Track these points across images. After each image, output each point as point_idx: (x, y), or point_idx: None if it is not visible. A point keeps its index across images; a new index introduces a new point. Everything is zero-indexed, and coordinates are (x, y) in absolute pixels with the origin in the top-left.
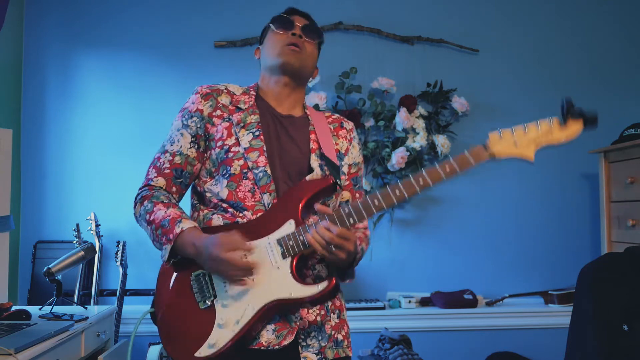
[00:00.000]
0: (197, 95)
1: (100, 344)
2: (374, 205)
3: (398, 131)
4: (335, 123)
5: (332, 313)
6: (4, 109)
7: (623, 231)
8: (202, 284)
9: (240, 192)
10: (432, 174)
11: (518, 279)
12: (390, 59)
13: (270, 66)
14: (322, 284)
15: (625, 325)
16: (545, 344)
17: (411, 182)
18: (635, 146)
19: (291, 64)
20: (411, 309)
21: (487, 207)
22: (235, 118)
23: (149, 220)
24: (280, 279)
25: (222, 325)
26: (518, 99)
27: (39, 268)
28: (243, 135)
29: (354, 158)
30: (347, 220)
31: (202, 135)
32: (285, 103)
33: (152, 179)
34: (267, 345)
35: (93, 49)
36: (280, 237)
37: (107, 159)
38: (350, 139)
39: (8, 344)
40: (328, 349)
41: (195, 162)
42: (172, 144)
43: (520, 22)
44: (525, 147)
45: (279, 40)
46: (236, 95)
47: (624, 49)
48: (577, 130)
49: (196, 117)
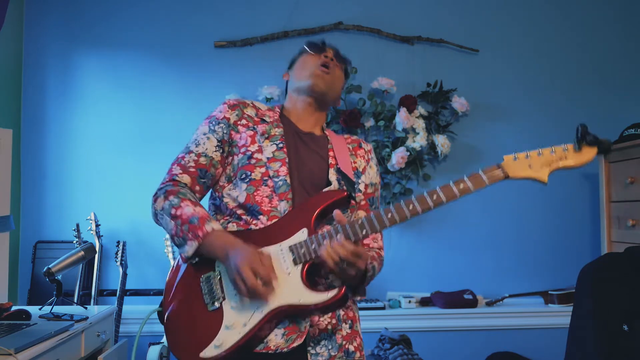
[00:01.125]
0: (225, 105)
1: (100, 344)
2: (387, 218)
3: (398, 131)
4: (354, 144)
5: (344, 323)
6: (4, 109)
7: (623, 231)
8: (212, 285)
9: (257, 196)
10: (446, 192)
11: (518, 279)
12: (390, 59)
13: (298, 87)
14: (332, 292)
15: (625, 325)
16: (545, 344)
17: (425, 198)
18: (635, 146)
19: (319, 87)
20: (411, 309)
21: (487, 207)
22: (260, 129)
23: (174, 214)
24: (291, 285)
25: (229, 327)
26: (518, 99)
27: (39, 268)
28: (267, 145)
29: (371, 178)
30: (360, 232)
31: (227, 141)
32: (308, 122)
33: (177, 174)
34: (275, 349)
35: (93, 49)
36: (293, 244)
37: (107, 159)
38: (368, 160)
39: (8, 344)
40: (338, 358)
41: (218, 166)
42: (198, 146)
43: (520, 22)
44: (538, 169)
45: (310, 62)
46: (262, 110)
47: (624, 49)
48: (591, 156)
49: (223, 124)
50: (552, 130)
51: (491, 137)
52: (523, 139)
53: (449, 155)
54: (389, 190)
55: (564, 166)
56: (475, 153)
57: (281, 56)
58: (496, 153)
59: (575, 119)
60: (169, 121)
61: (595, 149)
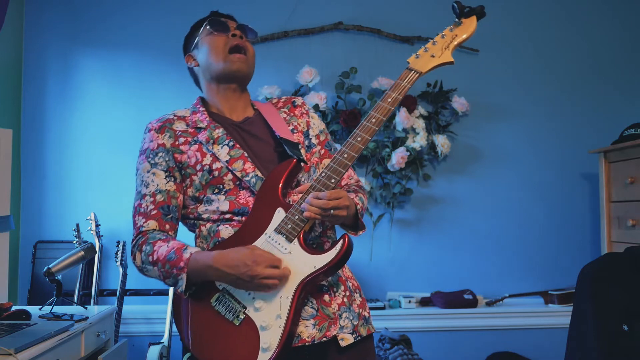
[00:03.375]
0: (152, 132)
1: (100, 344)
2: (344, 157)
3: (398, 131)
4: (287, 105)
5: (355, 292)
6: (4, 109)
7: (623, 231)
8: (226, 303)
9: (241, 199)
10: (380, 110)
11: (518, 279)
12: (390, 59)
13: (216, 75)
14: (338, 244)
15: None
16: (545, 344)
17: (366, 125)
18: (635, 146)
19: (241, 71)
20: (411, 309)
21: (487, 207)
22: (202, 138)
23: (153, 261)
24: (298, 260)
25: (266, 328)
26: (518, 99)
27: (39, 268)
28: (218, 150)
29: (318, 127)
30: (329, 183)
31: (174, 167)
32: (238, 108)
33: (142, 225)
34: (312, 340)
35: (93, 49)
36: (277, 226)
37: (107, 159)
38: (307, 112)
39: (8, 344)
40: (360, 326)
41: (177, 194)
42: (148, 186)
43: (520, 22)
44: (441, 55)
45: (219, 46)
46: (188, 117)
47: (624, 50)
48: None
49: (161, 152)
50: (552, 130)
51: (491, 137)
52: (523, 139)
53: (449, 155)
54: (389, 190)
55: (460, 41)
56: (475, 153)
57: (281, 56)
58: (496, 153)
59: (576, 119)
60: None
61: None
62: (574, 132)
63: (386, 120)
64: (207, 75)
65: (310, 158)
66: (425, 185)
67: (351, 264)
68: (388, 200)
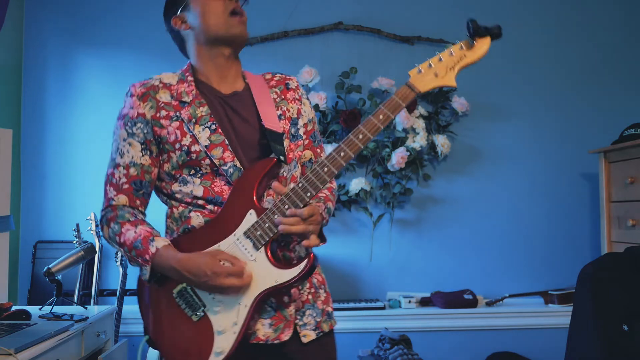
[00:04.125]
0: (134, 98)
1: (100, 344)
2: (325, 172)
3: (398, 131)
4: (280, 85)
5: (320, 288)
6: (4, 109)
7: (623, 231)
8: (187, 298)
9: (216, 187)
10: (369, 126)
11: (518, 279)
12: (390, 59)
13: (212, 38)
14: (302, 264)
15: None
16: (545, 344)
17: (352, 140)
18: (635, 146)
19: (243, 36)
20: (411, 309)
21: (487, 207)
22: (184, 115)
23: (119, 242)
24: (262, 270)
25: (222, 332)
26: (518, 99)
27: (39, 268)
28: (199, 131)
29: (307, 115)
30: (305, 196)
31: (151, 140)
32: (228, 78)
33: (113, 198)
34: (266, 340)
35: (93, 48)
36: (246, 230)
37: (107, 159)
38: (300, 97)
39: (8, 344)
40: (323, 322)
41: (151, 169)
42: (122, 156)
43: (520, 22)
44: (444, 75)
45: (219, 8)
46: (174, 86)
47: (625, 49)
48: (486, 46)
49: (140, 123)
50: (552, 130)
51: (491, 137)
52: (523, 139)
53: (449, 155)
54: (389, 190)
55: (466, 64)
56: (475, 153)
57: (281, 56)
58: (496, 153)
59: (576, 119)
60: None
61: (489, 38)
62: (574, 132)
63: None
64: (200, 38)
65: (294, 150)
66: (425, 185)
67: (351, 264)
68: (388, 200)
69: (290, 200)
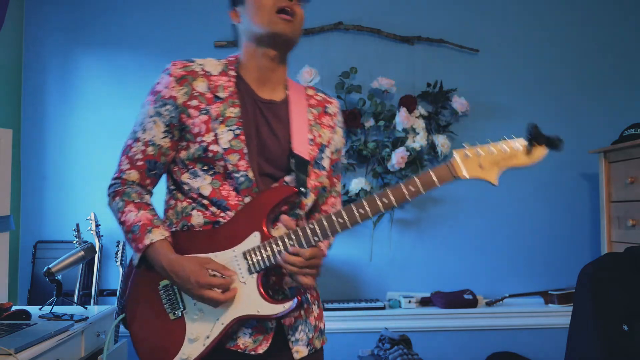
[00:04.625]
0: (171, 78)
1: (100, 344)
2: (339, 223)
3: (398, 131)
4: (319, 107)
5: (313, 304)
6: (4, 109)
7: (623, 231)
8: (170, 294)
9: (224, 191)
10: (396, 193)
11: (518, 279)
12: (390, 59)
13: (257, 35)
14: (288, 304)
15: (625, 325)
16: (545, 344)
17: (374, 200)
18: (635, 146)
19: (285, 35)
20: (411, 309)
21: (487, 207)
22: (213, 111)
23: (120, 220)
24: (247, 296)
25: (193, 340)
26: (518, 99)
27: (39, 268)
28: (222, 132)
29: (336, 144)
30: (312, 239)
31: (176, 125)
32: (269, 82)
33: (125, 171)
34: (244, 349)
35: (93, 49)
36: (246, 250)
37: (107, 159)
38: (334, 125)
39: (8, 344)
40: (315, 339)
41: (169, 152)
42: (145, 132)
43: (520, 22)
44: (489, 169)
45: (266, 4)
46: (214, 77)
47: (624, 50)
48: (542, 155)
49: (170, 105)
50: (552, 130)
51: (491, 137)
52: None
53: (449, 155)
54: None
55: (514, 165)
56: None
57: None
58: None
59: (575, 119)
60: None
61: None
62: (574, 132)
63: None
64: (247, 34)
65: (314, 180)
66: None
67: (351, 264)
68: None
69: (296, 238)
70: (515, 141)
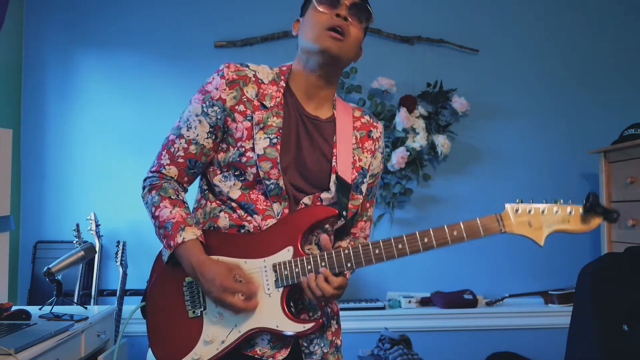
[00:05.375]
0: (223, 80)
1: (100, 344)
2: (374, 255)
3: (398, 131)
4: (363, 130)
5: (332, 319)
6: (4, 109)
7: (623, 231)
8: (194, 292)
9: (253, 195)
10: (438, 235)
11: (518, 279)
12: (390, 59)
13: (306, 49)
14: (309, 325)
15: (625, 325)
16: (545, 344)
17: (415, 239)
18: (635, 146)
19: (331, 52)
20: (411, 309)
21: (487, 207)
22: (256, 117)
23: (154, 214)
24: (270, 309)
25: (208, 342)
26: (518, 99)
27: (39, 268)
28: (260, 138)
29: (373, 170)
30: (344, 264)
31: (220, 127)
32: (315, 98)
33: (165, 166)
34: (262, 355)
35: (93, 48)
36: (277, 263)
37: (107, 159)
38: (375, 150)
39: (8, 344)
40: (330, 354)
41: (210, 153)
42: (189, 129)
43: (520, 22)
44: (538, 229)
45: (319, 21)
46: (264, 85)
47: (624, 50)
48: (595, 225)
49: (217, 107)
50: (552, 131)
51: (491, 137)
52: (523, 139)
53: (449, 155)
54: (389, 190)
55: (564, 230)
56: (475, 153)
57: (281, 56)
58: (496, 153)
59: (575, 119)
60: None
61: (601, 218)
62: (573, 132)
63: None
64: (300, 47)
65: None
66: (425, 185)
67: None
68: (388, 200)
69: (329, 261)
70: (569, 207)
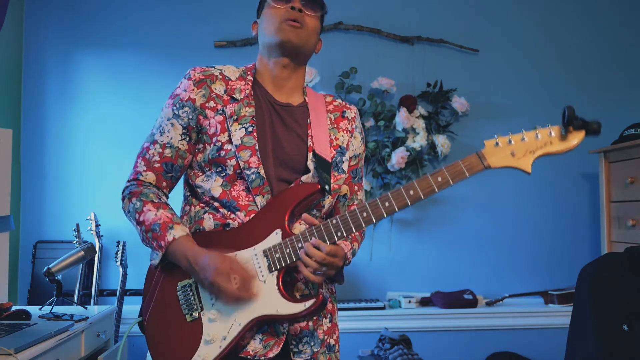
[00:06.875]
0: (190, 81)
1: (100, 344)
2: (363, 218)
3: (398, 131)
4: (337, 112)
5: (324, 317)
6: (4, 109)
7: (623, 231)
8: (188, 295)
9: (234, 192)
10: (423, 185)
11: (518, 279)
12: (390, 59)
13: (267, 44)
14: (309, 302)
15: (625, 325)
16: (545, 344)
17: (401, 193)
18: (635, 146)
19: (291, 42)
20: (411, 309)
21: (487, 207)
22: (228, 110)
23: (138, 220)
24: (267, 295)
25: (209, 342)
26: (518, 99)
27: (39, 268)
28: (235, 130)
29: (355, 150)
30: (335, 234)
31: (193, 127)
32: (284, 88)
33: (141, 172)
34: (254, 355)
35: (93, 48)
36: (267, 248)
37: (107, 159)
38: (352, 130)
39: (8, 344)
40: (321, 354)
41: (186, 155)
42: (162, 134)
43: (520, 22)
44: (522, 157)
45: (276, 15)
46: (231, 82)
47: (625, 50)
48: (578, 141)
49: (188, 108)
50: None
51: (491, 137)
52: None
53: (449, 155)
54: (389, 190)
55: (548, 152)
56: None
57: None
58: None
59: None
60: None
61: (583, 132)
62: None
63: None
64: (261, 44)
65: (333, 182)
66: None
67: (351, 264)
68: None
69: (319, 234)
70: (548, 129)
